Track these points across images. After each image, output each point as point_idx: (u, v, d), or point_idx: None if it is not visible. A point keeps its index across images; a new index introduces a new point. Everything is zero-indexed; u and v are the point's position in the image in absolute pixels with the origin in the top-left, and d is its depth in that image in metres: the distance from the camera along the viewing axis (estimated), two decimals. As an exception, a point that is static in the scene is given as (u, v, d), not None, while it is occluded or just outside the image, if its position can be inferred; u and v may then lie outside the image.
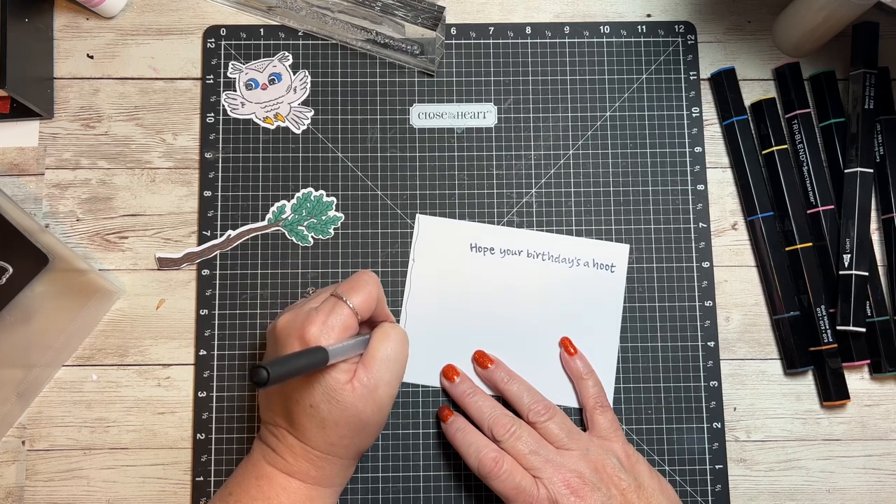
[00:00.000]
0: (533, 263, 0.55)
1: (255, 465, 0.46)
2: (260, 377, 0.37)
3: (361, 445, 0.47)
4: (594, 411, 0.51)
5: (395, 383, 0.46)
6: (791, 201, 0.55)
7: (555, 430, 0.49)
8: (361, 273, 0.48)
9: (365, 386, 0.44)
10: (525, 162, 0.57)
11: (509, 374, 0.52)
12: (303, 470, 0.45)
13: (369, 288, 0.47)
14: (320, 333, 0.44)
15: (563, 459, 0.48)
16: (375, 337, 0.47)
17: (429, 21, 0.53)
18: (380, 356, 0.45)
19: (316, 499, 0.46)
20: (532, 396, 0.51)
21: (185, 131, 0.57)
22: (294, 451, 0.45)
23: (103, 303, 0.54)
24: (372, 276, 0.48)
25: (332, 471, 0.46)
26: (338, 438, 0.45)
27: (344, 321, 0.45)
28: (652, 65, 0.58)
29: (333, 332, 0.44)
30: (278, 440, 0.46)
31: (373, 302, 0.47)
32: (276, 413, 0.46)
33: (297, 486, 0.45)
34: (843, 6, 0.52)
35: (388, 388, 0.46)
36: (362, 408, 0.44)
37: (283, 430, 0.46)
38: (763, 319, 0.55)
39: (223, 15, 0.58)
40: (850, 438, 0.54)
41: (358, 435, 0.46)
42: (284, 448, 0.45)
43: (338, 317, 0.45)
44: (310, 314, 0.45)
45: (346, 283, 0.47)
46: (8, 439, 0.53)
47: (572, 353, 0.53)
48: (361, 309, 0.46)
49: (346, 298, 0.45)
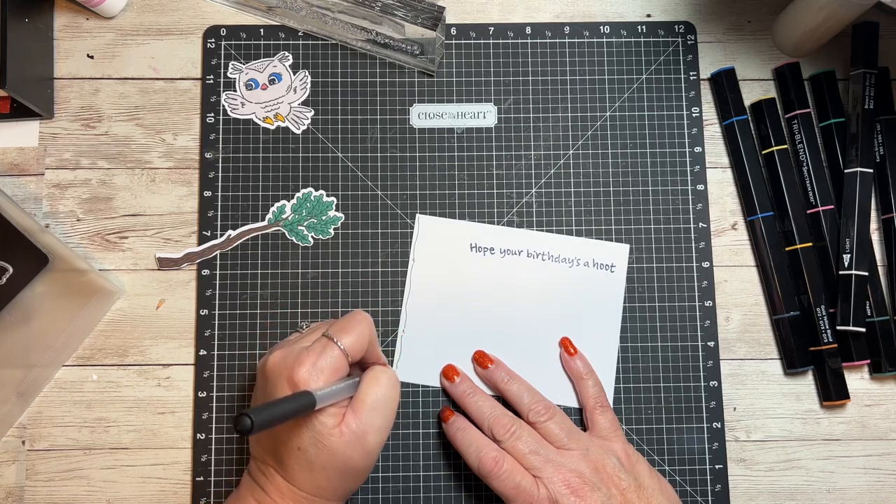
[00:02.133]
0: (533, 263, 0.55)
1: (243, 501, 0.46)
2: (244, 425, 0.37)
3: (349, 488, 0.46)
4: (594, 411, 0.51)
5: (385, 429, 0.46)
6: (791, 201, 0.55)
7: (555, 429, 0.49)
8: (355, 313, 0.47)
9: (353, 432, 0.44)
10: (525, 162, 0.57)
11: (509, 373, 0.52)
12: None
13: (361, 329, 0.46)
14: (309, 376, 0.43)
15: (563, 459, 0.48)
16: (365, 381, 0.46)
17: (429, 21, 0.53)
18: (369, 401, 0.45)
19: None
20: (532, 396, 0.51)
21: (185, 131, 0.57)
22: (282, 491, 0.45)
23: (103, 303, 0.54)
24: (365, 317, 0.47)
25: None
26: (325, 482, 0.44)
27: (333, 363, 0.44)
28: (652, 65, 0.58)
29: (323, 375, 0.43)
30: (267, 479, 0.45)
31: (364, 343, 0.46)
32: (266, 451, 0.46)
33: None
34: (843, 6, 0.52)
35: (378, 434, 0.45)
36: (350, 454, 0.44)
37: (272, 470, 0.45)
38: (763, 319, 0.55)
39: (223, 15, 0.58)
40: (850, 438, 0.54)
41: (345, 479, 0.45)
42: (272, 488, 0.45)
43: (327, 358, 0.44)
44: (300, 355, 0.44)
45: (339, 324, 0.46)
46: (8, 439, 0.53)
47: (572, 353, 0.53)
48: (353, 350, 0.45)
49: (338, 339, 0.45)
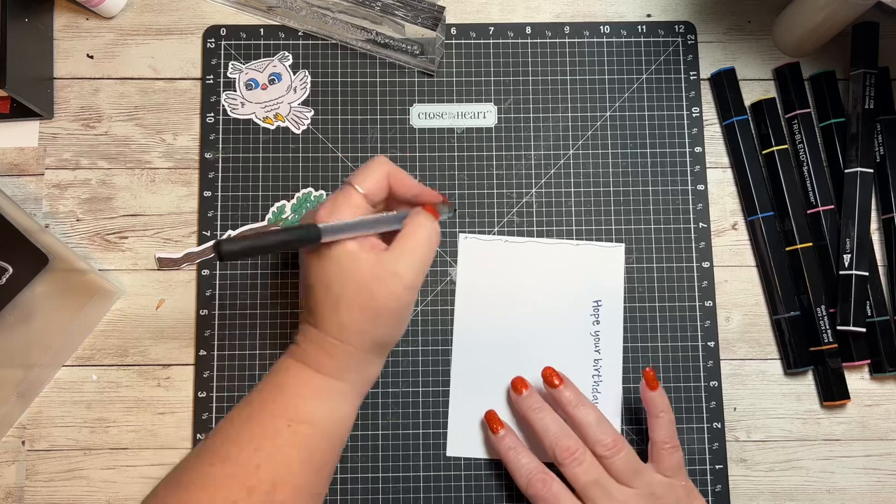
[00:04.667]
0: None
1: (279, 360, 0.46)
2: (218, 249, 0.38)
3: (376, 336, 0.44)
4: (662, 450, 0.49)
5: (417, 274, 0.44)
6: (791, 201, 0.55)
7: (621, 466, 0.48)
8: (373, 158, 0.47)
9: (381, 261, 0.43)
10: (525, 162, 0.57)
11: (577, 396, 0.51)
12: (317, 358, 0.44)
13: (376, 168, 0.46)
14: (327, 216, 0.43)
15: (622, 496, 0.48)
16: (407, 223, 0.45)
17: (429, 21, 0.53)
18: (408, 243, 0.44)
19: (332, 391, 0.44)
20: (601, 428, 0.49)
21: (185, 131, 0.57)
22: (310, 337, 0.44)
23: (103, 303, 0.54)
24: (382, 159, 0.46)
25: (348, 363, 0.44)
26: (350, 322, 0.43)
27: (349, 201, 0.44)
28: (652, 65, 0.58)
29: (340, 214, 0.43)
30: (300, 332, 0.46)
31: (382, 183, 0.46)
32: (304, 305, 0.46)
33: (311, 376, 0.44)
34: (843, 6, 0.52)
35: (409, 275, 0.43)
36: (376, 287, 0.43)
37: (305, 322, 0.45)
38: (763, 319, 0.55)
39: (223, 15, 0.58)
40: (851, 438, 0.54)
41: (371, 321, 0.44)
42: (302, 337, 0.45)
43: (344, 198, 0.44)
44: (320, 203, 0.45)
45: (357, 170, 0.46)
46: (8, 439, 0.53)
47: (654, 387, 0.51)
48: (371, 190, 0.45)
49: (355, 183, 0.45)
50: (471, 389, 0.54)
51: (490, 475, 0.53)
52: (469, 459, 0.53)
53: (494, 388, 0.54)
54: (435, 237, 0.45)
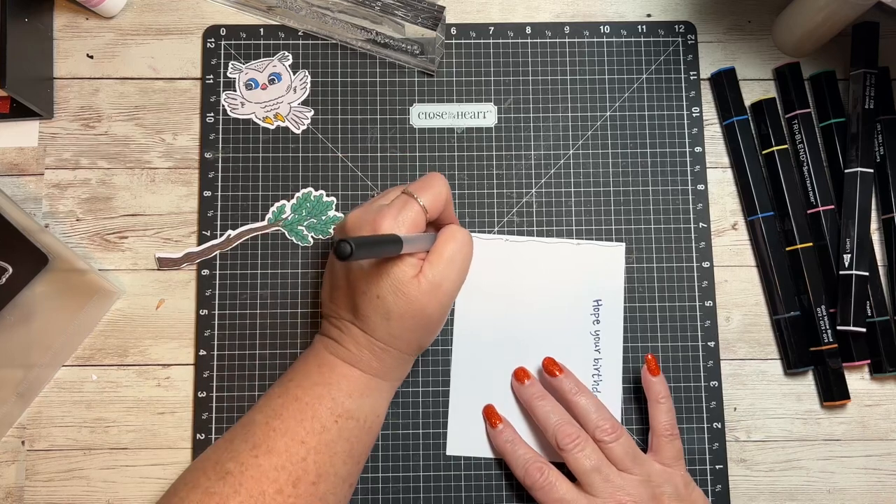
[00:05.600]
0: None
1: (316, 355, 0.47)
2: (343, 251, 0.38)
3: (421, 341, 0.48)
4: (662, 437, 0.50)
5: (459, 283, 0.47)
6: (791, 201, 0.55)
7: (619, 452, 0.49)
8: (432, 174, 0.48)
9: (430, 282, 0.45)
10: (525, 162, 0.57)
11: (578, 385, 0.51)
12: (364, 360, 0.46)
13: (439, 187, 0.47)
14: (391, 228, 0.44)
15: (622, 482, 0.48)
16: (442, 236, 0.47)
17: (429, 21, 0.53)
18: (446, 255, 0.46)
19: (375, 389, 0.47)
20: (600, 414, 0.50)
21: (184, 131, 0.57)
22: (358, 340, 0.46)
23: (103, 303, 0.54)
24: (442, 178, 0.48)
25: (392, 364, 0.47)
26: (400, 331, 0.46)
27: (414, 218, 0.45)
28: (652, 65, 0.58)
29: (404, 228, 0.45)
30: (341, 331, 0.47)
31: (441, 202, 0.47)
32: (341, 305, 0.47)
33: (359, 375, 0.47)
34: (843, 6, 0.52)
35: (452, 286, 0.46)
36: (426, 302, 0.45)
37: (347, 322, 0.47)
38: (763, 319, 0.55)
39: (223, 15, 0.58)
40: (851, 438, 0.54)
41: (419, 330, 0.46)
42: (348, 338, 0.47)
43: (409, 213, 0.45)
44: (381, 210, 0.45)
45: (417, 183, 0.47)
46: (8, 439, 0.53)
47: (656, 373, 0.52)
48: (431, 208, 0.46)
49: (418, 196, 0.46)
50: (471, 389, 0.54)
51: (490, 474, 0.53)
52: (469, 458, 0.53)
53: (494, 387, 0.54)
54: (470, 245, 0.48)
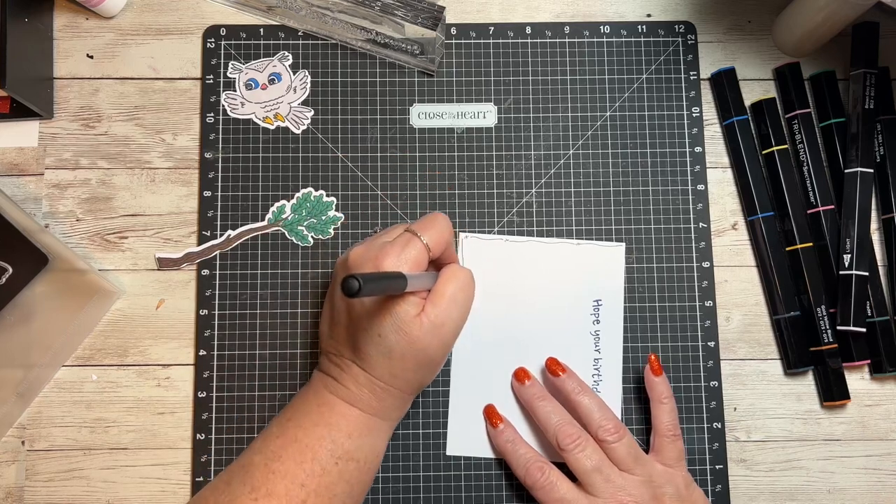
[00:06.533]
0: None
1: (315, 393, 0.47)
2: (350, 287, 0.37)
3: (422, 381, 0.47)
4: (664, 437, 0.50)
5: (461, 322, 0.47)
6: (791, 201, 0.55)
7: (622, 452, 0.49)
8: (434, 213, 0.48)
9: (432, 322, 0.45)
10: (525, 162, 0.57)
11: (581, 385, 0.51)
12: (364, 399, 0.46)
13: (441, 227, 0.47)
14: (394, 266, 0.44)
15: (623, 482, 0.48)
16: (444, 276, 0.47)
17: (429, 21, 0.53)
18: (448, 294, 0.46)
19: (374, 429, 0.47)
20: (603, 413, 0.50)
21: (184, 131, 0.57)
22: (357, 379, 0.46)
23: (103, 303, 0.54)
24: (445, 218, 0.48)
25: (392, 403, 0.47)
26: (401, 371, 0.45)
27: (416, 256, 0.45)
28: (652, 65, 0.58)
29: (406, 266, 0.45)
30: (341, 370, 0.46)
31: (444, 241, 0.47)
32: (341, 342, 0.47)
33: (358, 415, 0.46)
34: (843, 6, 0.52)
35: (454, 326, 0.46)
36: (428, 342, 0.45)
37: (347, 360, 0.46)
38: (763, 319, 0.55)
39: (223, 15, 0.58)
40: (851, 438, 0.54)
41: (420, 370, 0.46)
42: (348, 377, 0.46)
43: (411, 251, 0.45)
44: (384, 247, 0.45)
45: (421, 222, 0.47)
46: (8, 439, 0.53)
47: (658, 373, 0.52)
48: (434, 246, 0.46)
49: (421, 235, 0.46)
50: (471, 389, 0.54)
51: (490, 475, 0.53)
52: (469, 459, 0.53)
53: (494, 387, 0.54)
54: (472, 285, 0.48)
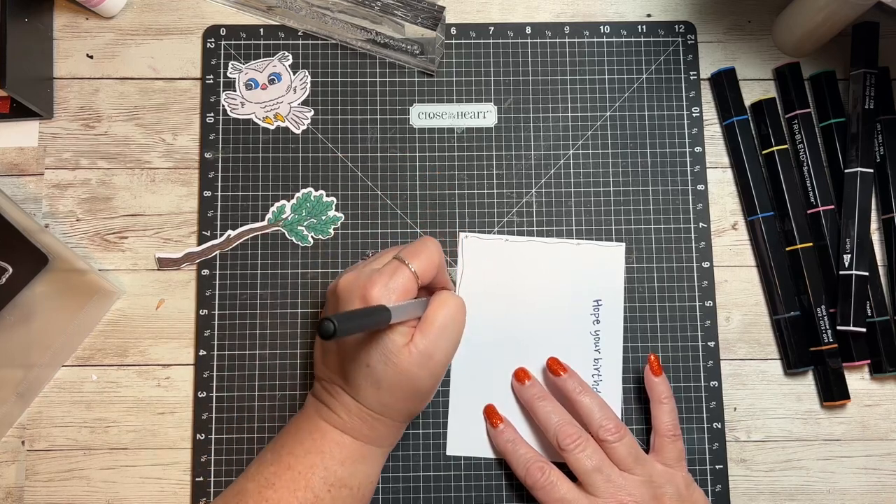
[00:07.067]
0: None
1: (308, 419, 0.47)
2: (326, 330, 0.37)
3: (413, 409, 0.47)
4: (665, 437, 0.50)
5: (451, 351, 0.46)
6: (791, 201, 0.55)
7: (622, 452, 0.49)
8: (424, 239, 0.48)
9: (421, 352, 0.44)
10: (525, 162, 0.57)
11: (582, 385, 0.51)
12: (356, 427, 0.46)
13: (430, 253, 0.47)
14: (381, 295, 0.44)
15: (624, 482, 0.48)
16: (434, 303, 0.46)
17: (429, 21, 0.53)
18: (438, 323, 0.45)
19: (367, 456, 0.47)
20: (604, 413, 0.50)
21: (184, 131, 0.57)
22: (349, 408, 0.46)
23: (103, 303, 0.54)
24: (434, 243, 0.48)
25: (384, 431, 0.47)
26: (391, 400, 0.45)
27: (405, 284, 0.45)
28: (652, 65, 0.58)
29: (394, 295, 0.44)
30: (333, 397, 0.46)
31: (434, 268, 0.47)
32: (332, 370, 0.47)
33: (350, 443, 0.46)
34: (843, 6, 0.52)
35: (444, 355, 0.46)
36: (417, 372, 0.44)
37: (338, 388, 0.46)
38: (763, 319, 0.55)
39: (223, 15, 0.58)
40: (851, 438, 0.54)
41: (411, 399, 0.46)
42: (339, 405, 0.46)
43: (399, 279, 0.45)
44: (372, 275, 0.45)
45: (409, 248, 0.47)
46: (8, 439, 0.53)
47: (658, 373, 0.52)
48: (422, 273, 0.46)
49: (409, 262, 0.45)
50: (470, 388, 0.54)
51: (490, 474, 0.53)
52: (469, 459, 0.53)
53: (494, 387, 0.54)
54: (463, 311, 0.47)
